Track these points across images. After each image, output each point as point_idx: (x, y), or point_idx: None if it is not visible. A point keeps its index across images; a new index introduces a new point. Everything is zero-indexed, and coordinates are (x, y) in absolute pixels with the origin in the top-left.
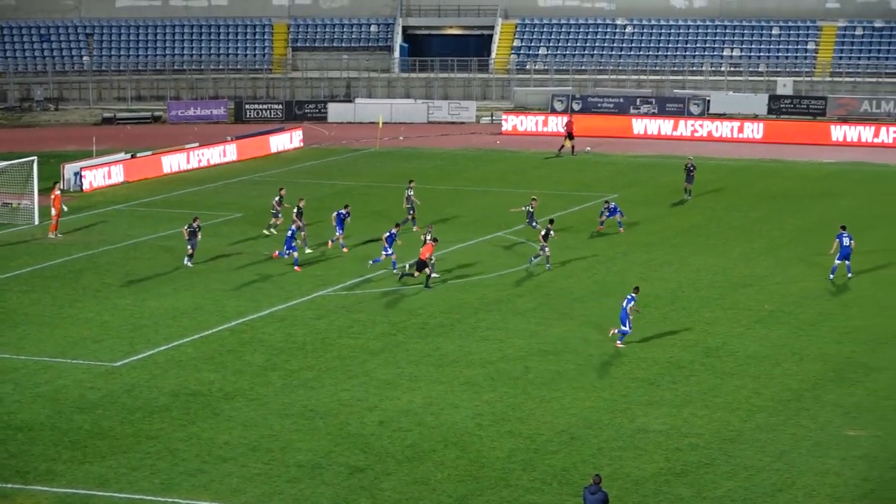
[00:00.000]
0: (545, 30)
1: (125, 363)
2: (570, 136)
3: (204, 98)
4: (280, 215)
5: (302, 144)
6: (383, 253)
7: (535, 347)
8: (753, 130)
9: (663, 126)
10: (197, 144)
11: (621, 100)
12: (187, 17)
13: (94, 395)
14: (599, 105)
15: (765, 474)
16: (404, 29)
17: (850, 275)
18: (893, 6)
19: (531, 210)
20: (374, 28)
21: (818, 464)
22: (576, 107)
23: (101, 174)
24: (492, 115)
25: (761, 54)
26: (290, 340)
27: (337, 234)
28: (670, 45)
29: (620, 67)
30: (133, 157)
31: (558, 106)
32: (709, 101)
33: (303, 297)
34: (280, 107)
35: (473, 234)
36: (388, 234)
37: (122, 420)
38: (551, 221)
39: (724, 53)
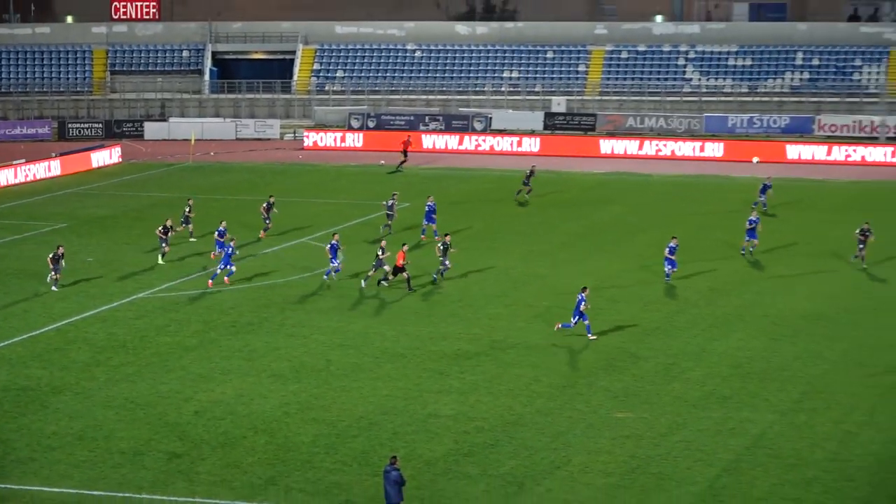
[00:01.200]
0: (342, 54)
1: None
2: (405, 153)
3: (30, 118)
4: (191, 224)
5: (121, 160)
6: (331, 264)
7: (336, 342)
8: (531, 144)
9: (450, 141)
10: (24, 160)
11: (412, 117)
12: (13, 43)
13: None
14: (392, 122)
15: (544, 453)
16: (214, 54)
17: (667, 278)
18: (654, 32)
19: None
20: (185, 53)
21: (591, 443)
22: (370, 124)
23: None
24: (294, 132)
25: (537, 76)
26: (113, 339)
27: (218, 249)
28: (455, 68)
29: (411, 88)
30: None
31: (354, 123)
32: (491, 118)
33: (124, 300)
34: (100, 126)
35: (280, 240)
36: (329, 245)
37: None
38: (447, 235)
39: (504, 75)
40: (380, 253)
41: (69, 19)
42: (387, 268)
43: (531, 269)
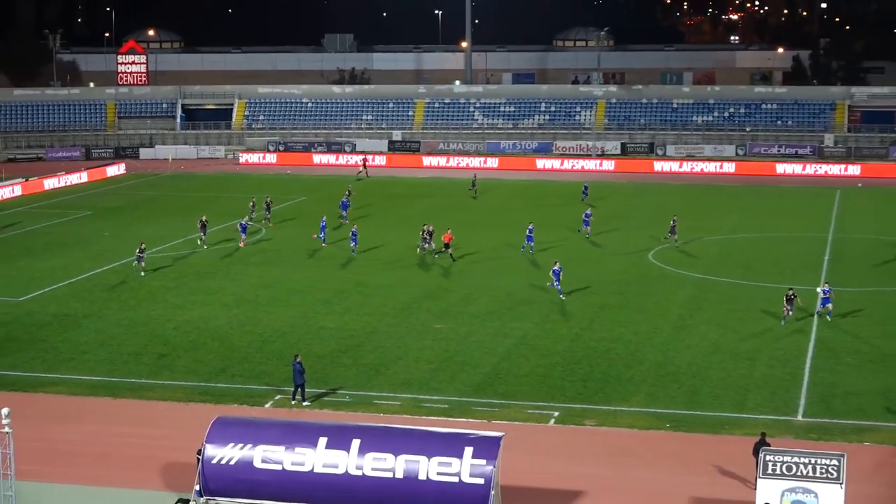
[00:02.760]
0: (263, 105)
1: (24, 299)
2: (365, 166)
3: (67, 146)
4: (254, 214)
5: (125, 172)
6: (352, 244)
7: (261, 283)
8: (381, 160)
9: (330, 158)
10: (63, 172)
11: (307, 144)
12: (56, 100)
13: (6, 317)
14: (295, 147)
15: (391, 350)
16: (182, 105)
17: (531, 251)
18: (455, 91)
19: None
20: (164, 105)
21: (420, 344)
22: (281, 148)
23: (6, 191)
24: (233, 154)
25: (383, 118)
26: (122, 283)
27: (243, 236)
28: (333, 113)
29: (306, 125)
30: (26, 180)
31: (271, 147)
32: (355, 144)
33: (127, 258)
34: (112, 150)
35: (227, 219)
36: (351, 231)
37: (24, 331)
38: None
39: (363, 117)
40: (426, 235)
41: (91, 84)
42: (432, 245)
43: (381, 236)
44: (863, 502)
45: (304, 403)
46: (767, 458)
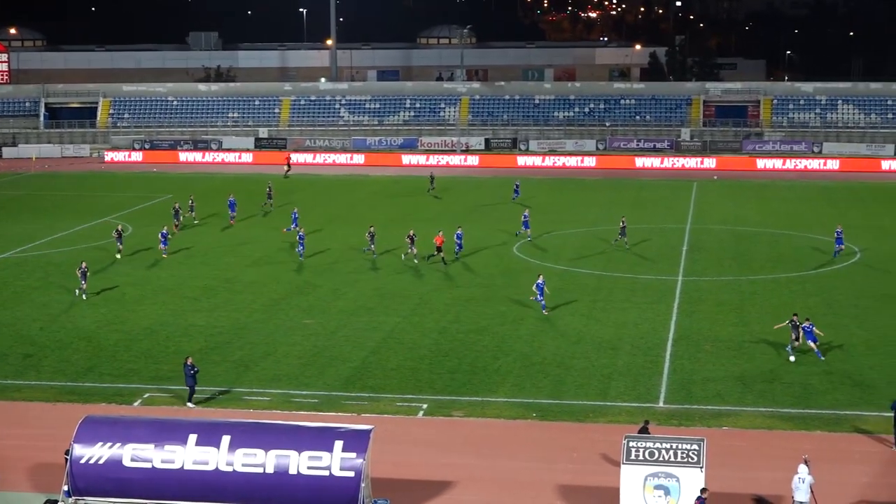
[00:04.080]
0: (128, 104)
1: None
2: (288, 165)
3: None
4: (192, 213)
5: None
6: (300, 247)
7: (129, 282)
8: (248, 157)
9: (197, 156)
10: None
11: (173, 142)
12: None
13: None
14: (161, 145)
15: (260, 346)
16: (46, 104)
17: (457, 257)
18: (321, 88)
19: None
20: (27, 104)
21: (289, 339)
22: (147, 146)
23: None
24: (99, 152)
25: (249, 115)
26: None
27: (162, 245)
28: (199, 111)
29: (172, 123)
30: None
31: (136, 146)
32: (222, 141)
33: (10, 252)
34: None
35: (88, 219)
36: (299, 235)
37: None
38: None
39: (230, 115)
40: (409, 240)
41: None
42: (415, 249)
43: (249, 233)
44: (721, 485)
45: (188, 405)
46: (630, 444)
